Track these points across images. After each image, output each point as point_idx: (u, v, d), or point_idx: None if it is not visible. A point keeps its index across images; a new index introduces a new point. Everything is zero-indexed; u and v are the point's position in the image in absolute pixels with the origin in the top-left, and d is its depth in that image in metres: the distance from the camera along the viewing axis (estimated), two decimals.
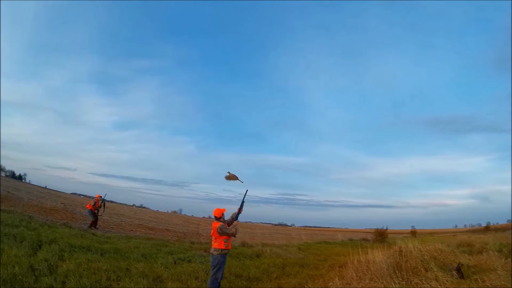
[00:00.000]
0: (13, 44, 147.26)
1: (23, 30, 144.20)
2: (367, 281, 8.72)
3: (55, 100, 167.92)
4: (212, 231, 7.87)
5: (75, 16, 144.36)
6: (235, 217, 8.19)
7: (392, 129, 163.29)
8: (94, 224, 17.83)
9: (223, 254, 7.72)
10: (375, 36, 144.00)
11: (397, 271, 9.09)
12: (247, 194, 8.65)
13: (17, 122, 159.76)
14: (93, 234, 14.86)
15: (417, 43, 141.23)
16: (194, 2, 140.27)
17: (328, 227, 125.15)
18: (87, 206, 18.35)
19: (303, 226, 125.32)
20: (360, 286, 8.03)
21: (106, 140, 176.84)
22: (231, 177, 9.92)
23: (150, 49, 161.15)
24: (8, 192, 26.88)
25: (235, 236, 7.90)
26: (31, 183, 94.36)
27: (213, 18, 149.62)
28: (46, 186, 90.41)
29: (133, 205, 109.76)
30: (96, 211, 18.13)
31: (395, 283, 8.27)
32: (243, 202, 8.50)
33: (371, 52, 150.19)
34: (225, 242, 7.67)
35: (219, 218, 7.94)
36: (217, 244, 7.67)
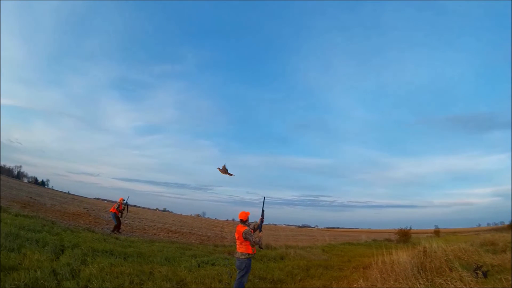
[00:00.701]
0: (33, 52, 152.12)
1: (43, 38, 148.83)
2: (392, 282, 8.63)
3: (77, 106, 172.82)
4: (237, 234, 7.93)
5: (95, 23, 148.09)
6: (258, 227, 8.27)
7: (414, 128, 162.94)
8: (117, 228, 18.06)
9: (250, 258, 7.79)
10: (394, 35, 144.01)
11: (421, 272, 9.08)
12: (265, 200, 8.71)
13: (39, 129, 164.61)
14: (116, 238, 15.01)
15: (437, 41, 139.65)
16: (213, 5, 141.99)
17: (352, 228, 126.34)
18: (111, 209, 18.64)
19: (327, 228, 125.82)
20: (385, 287, 7.80)
21: (128, 145, 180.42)
22: (223, 170, 10.07)
23: (171, 53, 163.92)
24: (31, 198, 27.60)
25: (259, 246, 7.93)
26: (54, 188, 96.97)
27: (234, 21, 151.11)
28: (69, 192, 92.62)
29: (157, 209, 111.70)
30: (120, 214, 18.34)
31: (420, 283, 8.15)
32: (263, 210, 8.55)
33: (390, 51, 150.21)
34: (252, 246, 7.75)
35: (245, 221, 8.05)
36: (243, 249, 7.75)
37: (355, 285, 8.72)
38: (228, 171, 10.20)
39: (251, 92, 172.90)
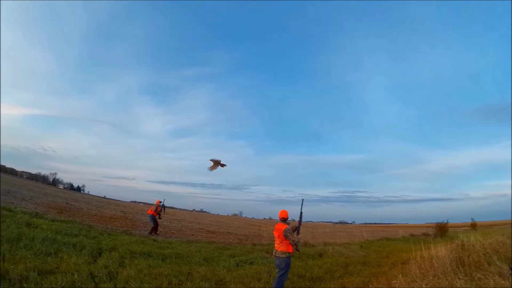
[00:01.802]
0: (63, 63, 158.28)
1: (72, 49, 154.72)
2: (431, 278, 8.44)
3: (109, 113, 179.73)
4: (276, 233, 8.12)
5: (122, 30, 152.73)
6: (296, 229, 8.37)
7: (447, 120, 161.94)
8: (154, 230, 18.45)
9: (289, 257, 7.96)
10: (423, 27, 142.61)
11: (460, 266, 8.99)
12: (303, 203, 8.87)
13: (72, 136, 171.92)
14: (154, 240, 15.30)
15: (466, 32, 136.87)
16: (241, 6, 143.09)
17: (389, 224, 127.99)
18: (148, 211, 19.04)
19: (364, 224, 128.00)
20: (424, 284, 7.55)
21: (163, 149, 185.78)
22: (214, 164, 10.16)
23: (201, 56, 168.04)
24: (67, 203, 28.77)
25: (296, 248, 8.02)
26: (90, 193, 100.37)
27: (262, 22, 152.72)
28: (105, 196, 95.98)
29: (194, 210, 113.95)
30: (157, 216, 18.71)
31: (459, 279, 7.89)
32: (301, 213, 8.69)
33: (420, 44, 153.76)
34: (291, 245, 7.87)
35: (286, 219, 8.22)
36: (284, 247, 7.92)
37: (394, 281, 8.55)
38: (221, 162, 10.28)
39: (283, 90, 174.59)
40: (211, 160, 10.95)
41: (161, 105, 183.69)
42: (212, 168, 11.00)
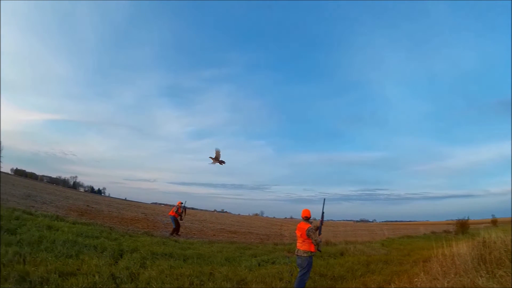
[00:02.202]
0: (81, 68, 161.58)
1: (88, 53, 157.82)
2: (452, 276, 8.32)
3: (129, 116, 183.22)
4: (299, 232, 8.21)
5: (139, 33, 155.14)
6: (318, 229, 8.38)
7: (467, 115, 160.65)
8: (176, 231, 18.55)
9: (311, 256, 8.05)
10: (440, 21, 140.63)
11: (481, 264, 8.86)
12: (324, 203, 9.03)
13: (92, 140, 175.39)
14: (176, 241, 15.38)
15: (484, 25, 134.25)
16: (257, 6, 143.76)
17: (409, 221, 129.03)
18: (170, 213, 19.11)
19: (385, 222, 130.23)
20: (446, 282, 7.37)
21: (183, 150, 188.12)
22: (214, 161, 10.34)
23: (218, 58, 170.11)
24: (88, 206, 29.24)
25: (318, 248, 8.10)
26: (111, 196, 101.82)
27: (279, 21, 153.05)
28: (126, 198, 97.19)
29: (215, 210, 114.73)
30: (179, 217, 18.79)
31: (481, 276, 7.76)
32: (323, 213, 8.81)
33: (437, 38, 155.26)
34: (314, 244, 7.96)
35: (308, 218, 8.33)
36: (306, 246, 7.99)
37: (416, 279, 8.42)
38: (220, 159, 10.51)
39: (301, 89, 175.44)
40: (210, 157, 11.39)
41: (180, 107, 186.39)
42: (213, 163, 11.50)
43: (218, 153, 11.20)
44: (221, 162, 11.25)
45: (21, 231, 10.72)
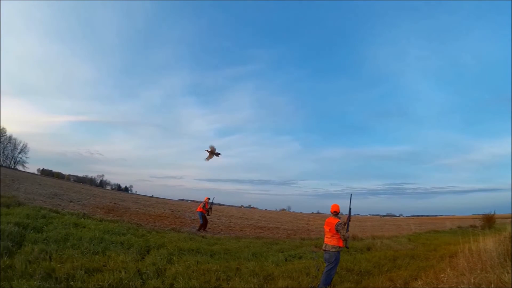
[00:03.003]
0: (105, 70, 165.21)
1: (113, 56, 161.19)
2: (478, 272, 7.99)
3: (155, 115, 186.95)
4: (327, 227, 8.29)
5: (163, 34, 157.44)
6: (346, 225, 8.39)
7: (492, 107, 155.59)
8: (203, 227, 18.63)
9: (339, 251, 8.13)
10: (464, 14, 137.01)
11: (507, 260, 8.76)
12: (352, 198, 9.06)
13: (119, 140, 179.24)
14: (203, 237, 15.46)
15: (508, 17, 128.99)
16: (280, 3, 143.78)
17: (436, 215, 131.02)
18: (197, 209, 19.19)
19: (411, 216, 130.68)
20: (473, 278, 7.11)
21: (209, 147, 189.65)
22: (210, 154, 10.56)
23: (242, 55, 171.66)
24: (115, 203, 29.79)
25: (345, 244, 8.14)
26: (138, 193, 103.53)
27: (302, 17, 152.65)
28: (152, 195, 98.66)
29: (242, 206, 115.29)
30: (206, 213, 18.88)
31: (507, 272, 7.43)
32: (350, 209, 8.81)
33: (460, 29, 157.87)
34: (342, 240, 8.05)
35: (337, 213, 8.38)
36: (335, 241, 8.09)
37: (442, 275, 8.17)
38: (216, 151, 10.78)
39: (327, 84, 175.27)
40: (207, 150, 12.06)
41: (205, 105, 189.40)
42: (208, 158, 12.17)
43: (212, 148, 11.66)
44: (217, 154, 11.80)
45: (48, 229, 10.98)
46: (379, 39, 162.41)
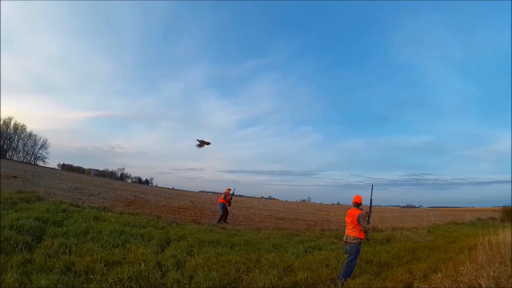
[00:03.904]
0: (125, 65, 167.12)
1: (132, 51, 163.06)
2: (497, 265, 7.82)
3: (175, 109, 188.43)
4: (349, 218, 8.28)
5: (182, 27, 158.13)
6: (367, 218, 8.38)
7: None
8: (224, 218, 18.66)
9: (360, 243, 8.13)
10: (484, 2, 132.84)
11: None
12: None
13: (139, 133, 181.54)
14: (223, 228, 15.55)
15: None
16: None
17: (455, 207, 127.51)
18: (219, 200, 19.21)
19: (431, 207, 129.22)
20: (492, 271, 6.91)
21: (230, 139, 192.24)
22: (201, 143, 10.92)
23: (262, 47, 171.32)
24: (135, 196, 30.14)
25: (366, 236, 8.17)
26: (158, 186, 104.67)
27: (321, 6, 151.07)
28: (173, 187, 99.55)
29: (262, 197, 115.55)
30: (228, 204, 18.92)
31: None
32: (371, 200, 8.90)
33: (482, 19, 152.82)
34: (363, 231, 8.03)
35: (359, 205, 8.37)
36: (356, 233, 8.08)
37: (461, 267, 7.98)
38: (206, 140, 11.16)
39: (347, 74, 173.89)
40: (197, 140, 12.86)
41: (226, 97, 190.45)
42: (199, 146, 12.95)
43: (202, 140, 12.11)
44: (207, 143, 12.22)
45: (68, 223, 11.15)
46: (400, 28, 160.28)
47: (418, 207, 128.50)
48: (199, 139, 12.23)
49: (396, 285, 7.58)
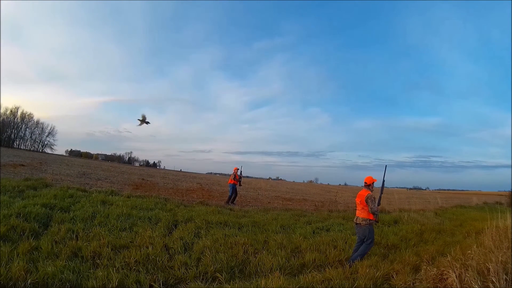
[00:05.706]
0: (134, 51, 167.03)
1: (139, 36, 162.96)
2: (504, 250, 7.75)
3: (184, 91, 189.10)
4: (358, 199, 8.29)
5: (189, 10, 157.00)
6: (378, 200, 8.32)
7: None
8: (232, 199, 18.64)
9: (371, 224, 8.08)
10: None
11: None
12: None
13: (148, 116, 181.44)
14: (231, 210, 15.52)
15: None
16: None
17: (462, 190, 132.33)
18: (229, 181, 19.13)
19: (437, 190, 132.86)
20: (500, 256, 6.83)
21: (239, 120, 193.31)
22: (141, 122, 11.31)
23: (271, 28, 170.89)
24: (143, 179, 30.33)
25: (375, 219, 8.11)
26: (166, 168, 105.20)
27: None
28: (181, 170, 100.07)
29: (270, 178, 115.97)
30: (238, 183, 19.04)
31: None
32: (383, 181, 8.94)
33: (494, 3, 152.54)
34: (371, 213, 8.00)
35: (369, 186, 8.36)
36: (365, 214, 8.06)
37: (468, 251, 7.91)
38: (146, 120, 11.47)
39: (357, 55, 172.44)
40: (138, 119, 13.70)
41: (235, 78, 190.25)
42: (140, 124, 13.89)
43: (143, 116, 12.49)
44: (147, 123, 12.69)
45: (75, 208, 11.16)
46: (411, 10, 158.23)
47: (425, 189, 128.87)
48: (140, 118, 12.69)
49: (404, 267, 7.53)
